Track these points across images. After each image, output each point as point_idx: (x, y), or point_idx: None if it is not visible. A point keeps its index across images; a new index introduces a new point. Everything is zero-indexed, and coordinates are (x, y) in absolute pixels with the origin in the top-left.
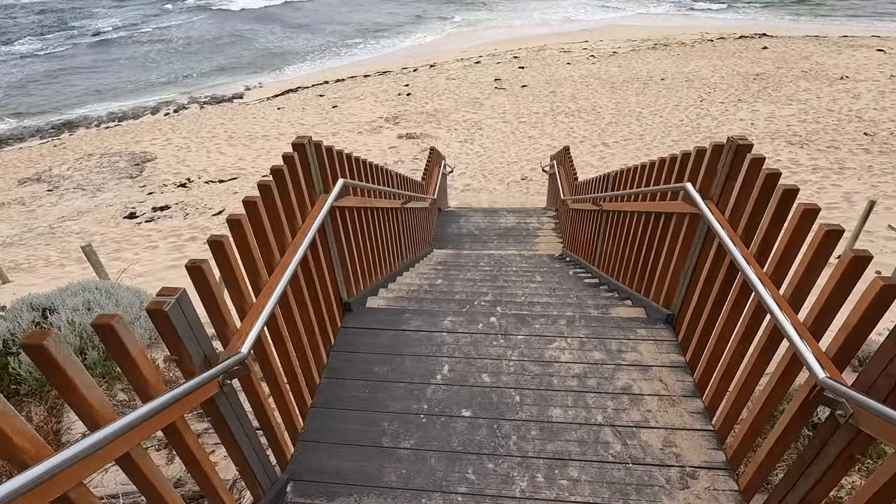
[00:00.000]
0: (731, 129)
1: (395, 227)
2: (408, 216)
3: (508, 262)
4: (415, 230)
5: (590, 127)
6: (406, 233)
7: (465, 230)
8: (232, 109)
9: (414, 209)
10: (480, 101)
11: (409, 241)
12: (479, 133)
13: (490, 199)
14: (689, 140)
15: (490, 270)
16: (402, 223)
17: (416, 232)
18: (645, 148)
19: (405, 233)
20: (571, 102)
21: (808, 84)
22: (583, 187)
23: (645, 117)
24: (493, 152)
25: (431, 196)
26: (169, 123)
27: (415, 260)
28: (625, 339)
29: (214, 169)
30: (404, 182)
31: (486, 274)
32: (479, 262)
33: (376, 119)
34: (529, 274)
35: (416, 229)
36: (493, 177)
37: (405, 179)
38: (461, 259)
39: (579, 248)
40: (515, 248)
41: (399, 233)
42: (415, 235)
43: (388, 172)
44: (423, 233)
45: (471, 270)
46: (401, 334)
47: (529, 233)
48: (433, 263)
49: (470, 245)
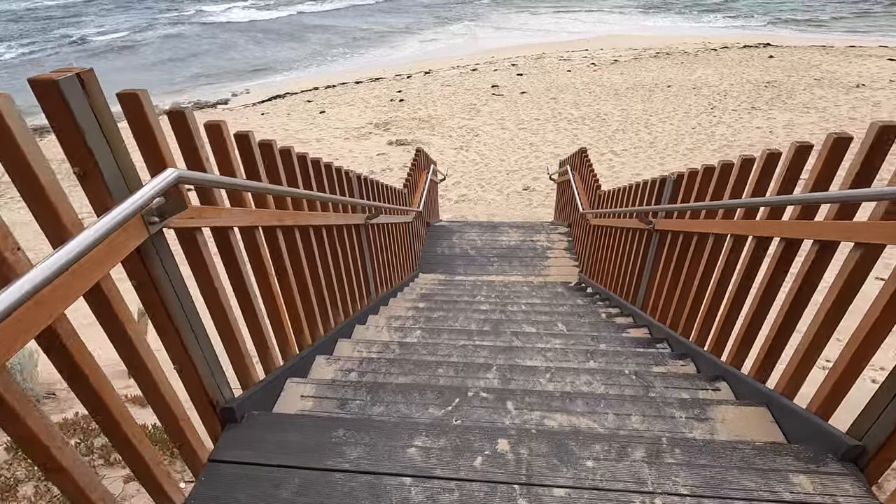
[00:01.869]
0: (748, 138)
1: (352, 253)
2: (379, 236)
3: (515, 296)
4: (391, 254)
5: (596, 134)
6: (378, 259)
7: (458, 249)
8: (214, 115)
9: (390, 225)
10: (477, 108)
11: (382, 270)
12: (476, 140)
13: (488, 211)
14: (705, 148)
15: (490, 311)
16: (368, 246)
17: (393, 256)
18: (657, 157)
19: (376, 259)
20: (574, 109)
21: (824, 92)
22: (611, 198)
23: (654, 125)
24: (491, 160)
25: (416, 208)
26: None
27: (389, 293)
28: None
29: None
30: (373, 190)
31: (486, 319)
32: (476, 295)
33: (365, 125)
34: (547, 320)
35: (393, 252)
36: (492, 187)
37: (376, 187)
38: (452, 290)
39: (606, 276)
40: (521, 272)
41: (362, 261)
42: (391, 261)
43: (341, 174)
44: (404, 256)
45: (464, 311)
46: (322, 482)
47: (537, 253)
48: (414, 298)
49: (465, 269)
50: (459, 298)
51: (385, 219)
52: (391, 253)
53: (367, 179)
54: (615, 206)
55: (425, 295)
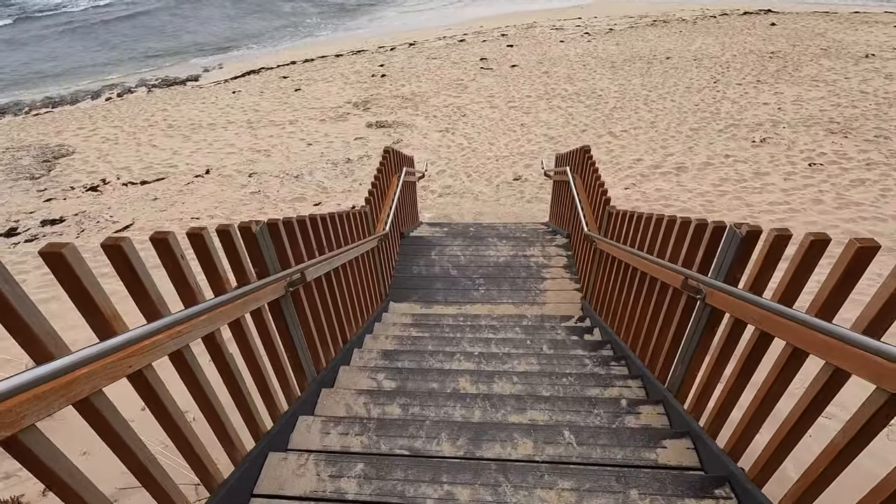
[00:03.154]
0: (755, 115)
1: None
2: (317, 293)
3: (506, 356)
4: (342, 303)
5: (592, 113)
6: (317, 322)
7: (438, 268)
8: (182, 93)
9: (338, 270)
10: (464, 84)
11: (327, 332)
12: (463, 120)
13: (475, 207)
14: (710, 128)
15: (472, 399)
16: (297, 316)
17: (345, 305)
18: (659, 138)
19: (316, 322)
20: (568, 84)
21: (832, 63)
22: (628, 226)
23: (654, 101)
24: (480, 144)
25: (381, 232)
26: (106, 109)
27: (340, 357)
28: None
29: (140, 166)
30: (306, 237)
31: (463, 424)
32: (456, 354)
33: (343, 104)
34: (549, 420)
35: (345, 301)
36: (480, 176)
37: (311, 230)
38: (424, 338)
39: (620, 323)
40: (512, 299)
41: (287, 342)
42: (342, 312)
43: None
44: (363, 295)
45: (434, 401)
46: None
47: (531, 273)
48: (372, 358)
49: (445, 295)
50: (435, 353)
51: (329, 266)
52: (341, 303)
53: (293, 227)
54: (635, 235)
55: (387, 353)
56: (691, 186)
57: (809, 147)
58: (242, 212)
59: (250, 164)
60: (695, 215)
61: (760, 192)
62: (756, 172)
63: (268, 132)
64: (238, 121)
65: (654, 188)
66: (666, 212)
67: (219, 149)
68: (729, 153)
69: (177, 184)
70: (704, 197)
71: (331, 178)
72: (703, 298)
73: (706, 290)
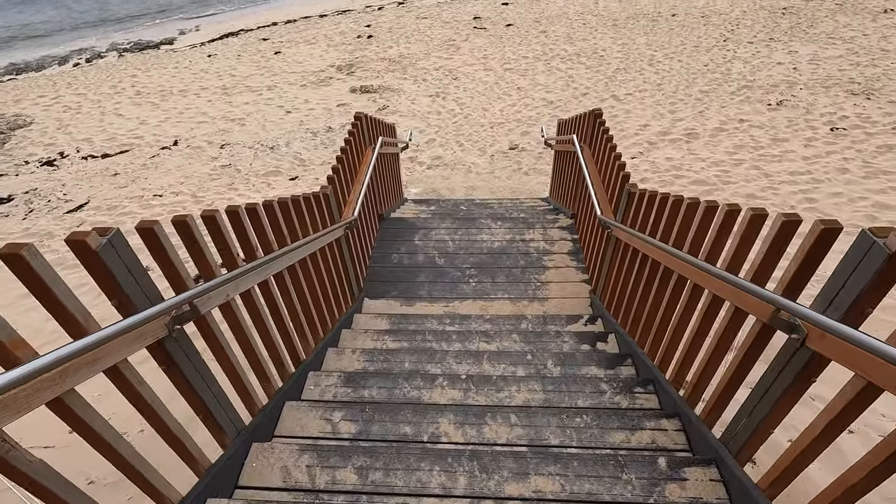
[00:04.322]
0: (769, 76)
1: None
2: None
3: (501, 381)
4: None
5: (593, 75)
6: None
7: (422, 256)
8: (155, 58)
9: (290, 269)
10: (457, 45)
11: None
12: (455, 84)
13: (467, 181)
14: (722, 90)
15: (457, 454)
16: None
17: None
18: (667, 102)
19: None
20: (568, 44)
21: (848, 19)
22: (660, 212)
23: (659, 61)
24: (473, 109)
25: (348, 217)
26: (72, 76)
27: (292, 382)
28: None
29: (103, 137)
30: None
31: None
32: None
33: (326, 68)
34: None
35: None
36: (473, 145)
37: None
38: (401, 351)
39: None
40: (509, 294)
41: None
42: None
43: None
44: (322, 298)
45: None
46: None
47: (531, 261)
48: (331, 386)
49: (429, 289)
50: (406, 397)
51: (258, 276)
52: (289, 318)
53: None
54: (669, 227)
55: (352, 378)
56: (704, 155)
57: (830, 110)
58: (210, 188)
59: (223, 134)
60: (709, 187)
61: (780, 161)
62: (774, 139)
63: (243, 99)
64: (212, 87)
65: (664, 157)
66: (676, 184)
67: (189, 118)
68: (743, 117)
69: (141, 157)
70: (719, 166)
71: (310, 148)
72: (803, 340)
73: (809, 330)
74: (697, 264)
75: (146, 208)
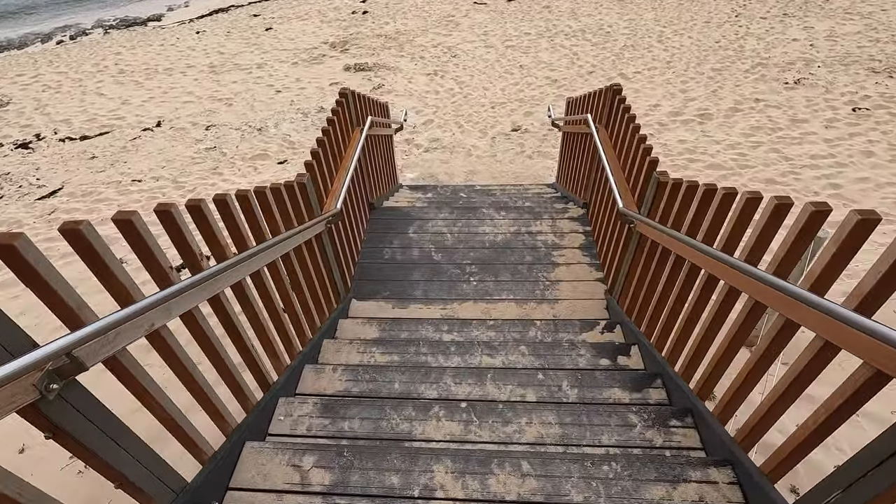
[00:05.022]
0: (785, 53)
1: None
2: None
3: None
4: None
5: (599, 52)
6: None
7: (416, 251)
8: (141, 35)
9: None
10: (456, 20)
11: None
12: (454, 62)
13: (467, 164)
14: (735, 68)
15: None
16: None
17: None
18: (678, 80)
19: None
20: (572, 20)
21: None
22: (704, 212)
23: (668, 38)
24: (473, 89)
25: (329, 211)
26: (54, 54)
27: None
28: None
29: (83, 118)
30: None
31: None
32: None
33: (319, 45)
34: None
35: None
36: (473, 126)
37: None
38: (391, 368)
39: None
40: (514, 294)
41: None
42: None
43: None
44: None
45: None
46: None
47: (539, 257)
48: (304, 417)
49: (425, 289)
50: (394, 431)
51: (204, 294)
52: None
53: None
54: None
55: (330, 405)
56: (719, 137)
57: (851, 89)
58: (193, 172)
59: (209, 114)
60: (725, 171)
61: (800, 143)
62: (792, 119)
63: (232, 78)
64: (199, 65)
65: (677, 139)
66: (691, 168)
67: (174, 97)
68: (759, 97)
69: (121, 139)
70: (735, 149)
71: (300, 130)
72: None
73: None
74: (774, 283)
75: (123, 194)
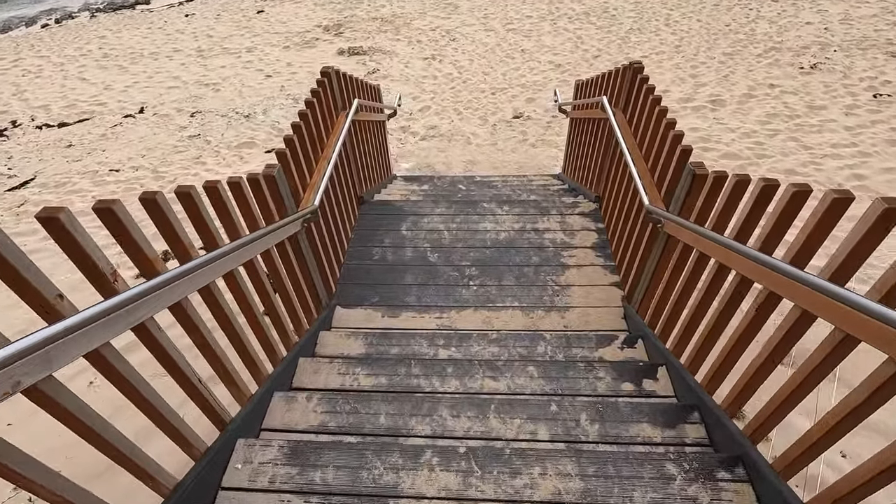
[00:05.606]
0: (799, 37)
1: None
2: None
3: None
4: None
5: (605, 36)
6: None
7: (410, 251)
8: (129, 18)
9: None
10: (455, 3)
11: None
12: (453, 46)
13: (466, 153)
14: (747, 52)
15: None
16: None
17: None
18: (688, 66)
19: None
20: (575, 3)
21: None
22: (754, 212)
23: (677, 21)
24: (472, 73)
25: (306, 208)
26: (37, 38)
27: (220, 445)
28: None
29: (62, 104)
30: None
31: None
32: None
33: (312, 28)
34: None
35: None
36: (472, 113)
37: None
38: (376, 396)
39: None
40: (520, 301)
41: None
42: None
43: None
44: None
45: None
46: None
47: (546, 258)
48: (265, 467)
49: (419, 294)
50: (374, 488)
51: (164, 299)
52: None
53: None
54: (777, 237)
55: (298, 451)
56: (734, 124)
57: (870, 74)
58: (175, 161)
59: (195, 100)
60: (742, 161)
61: (819, 132)
62: (810, 106)
63: (220, 62)
64: (187, 48)
65: (688, 127)
66: (706, 157)
67: (159, 82)
68: (774, 82)
69: (101, 126)
70: (751, 137)
71: (289, 117)
72: None
73: None
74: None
75: (99, 185)
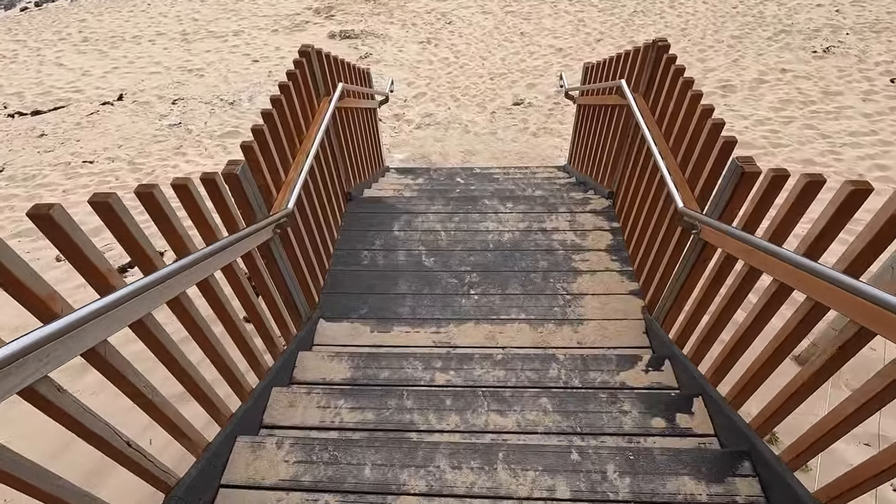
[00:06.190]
0: (809, 20)
1: None
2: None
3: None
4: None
5: (607, 18)
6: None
7: (403, 254)
8: (111, 1)
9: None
10: None
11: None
12: (449, 29)
13: (464, 143)
14: (756, 35)
15: None
16: None
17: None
18: (695, 50)
19: None
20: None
21: None
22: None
23: (682, 3)
24: (470, 58)
25: (280, 212)
26: (14, 21)
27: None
28: None
29: (37, 91)
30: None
31: None
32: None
33: (302, 11)
34: None
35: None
36: (470, 100)
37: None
38: (360, 443)
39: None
40: (526, 314)
41: None
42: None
43: None
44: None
45: None
46: None
47: (556, 263)
48: None
49: (414, 305)
50: None
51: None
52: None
53: None
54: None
55: None
56: (746, 112)
57: (886, 58)
58: (153, 152)
59: (177, 86)
60: (757, 151)
61: (836, 119)
62: (825, 92)
63: (205, 46)
64: (170, 32)
65: None
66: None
67: (140, 68)
68: (786, 67)
69: (76, 114)
70: (765, 125)
71: None
72: None
73: None
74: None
75: (71, 178)
